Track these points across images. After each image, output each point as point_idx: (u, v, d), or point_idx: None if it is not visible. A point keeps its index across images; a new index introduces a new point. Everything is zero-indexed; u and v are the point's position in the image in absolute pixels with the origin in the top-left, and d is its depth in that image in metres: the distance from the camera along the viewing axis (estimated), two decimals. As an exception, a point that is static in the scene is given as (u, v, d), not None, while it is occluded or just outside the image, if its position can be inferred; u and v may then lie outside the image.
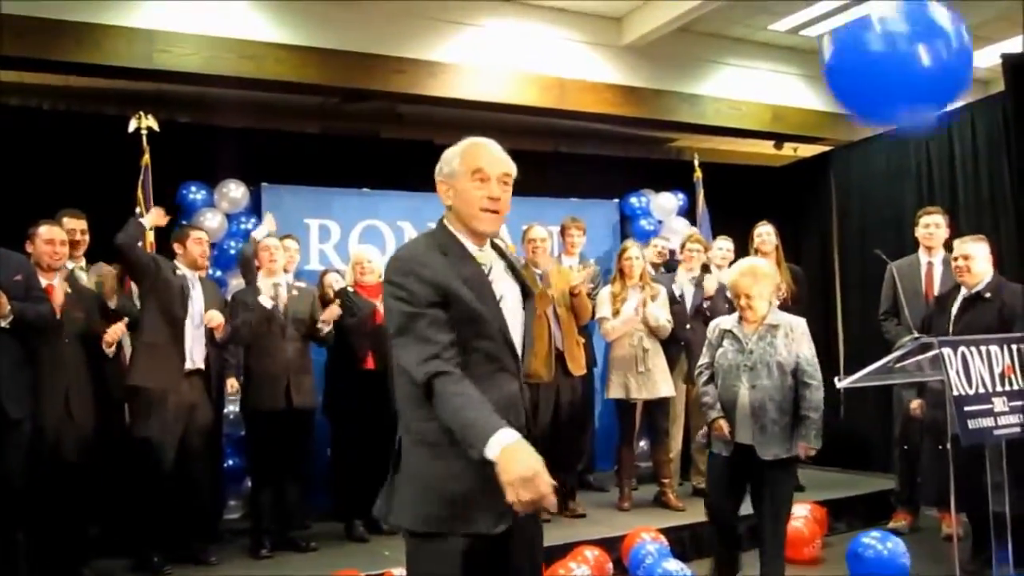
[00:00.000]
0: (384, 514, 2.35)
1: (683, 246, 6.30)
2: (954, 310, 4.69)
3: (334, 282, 5.54)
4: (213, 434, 5.05)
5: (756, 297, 4.07)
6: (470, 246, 2.33)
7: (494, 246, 2.42)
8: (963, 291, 4.69)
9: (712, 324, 4.35)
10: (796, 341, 4.07)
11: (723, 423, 4.08)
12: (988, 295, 4.57)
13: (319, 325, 5.05)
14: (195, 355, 4.73)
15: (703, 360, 4.30)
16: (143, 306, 4.71)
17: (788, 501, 4.19)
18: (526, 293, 2.42)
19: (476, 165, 2.31)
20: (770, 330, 4.09)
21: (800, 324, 4.16)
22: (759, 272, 4.15)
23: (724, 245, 6.51)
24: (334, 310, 5.09)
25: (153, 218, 5.00)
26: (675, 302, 5.97)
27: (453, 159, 2.35)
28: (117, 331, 4.57)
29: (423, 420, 2.23)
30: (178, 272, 4.75)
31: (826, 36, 2.80)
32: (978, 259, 4.64)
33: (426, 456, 2.26)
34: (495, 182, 2.31)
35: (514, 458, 1.99)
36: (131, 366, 4.69)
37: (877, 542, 4.46)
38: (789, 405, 4.01)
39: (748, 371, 4.03)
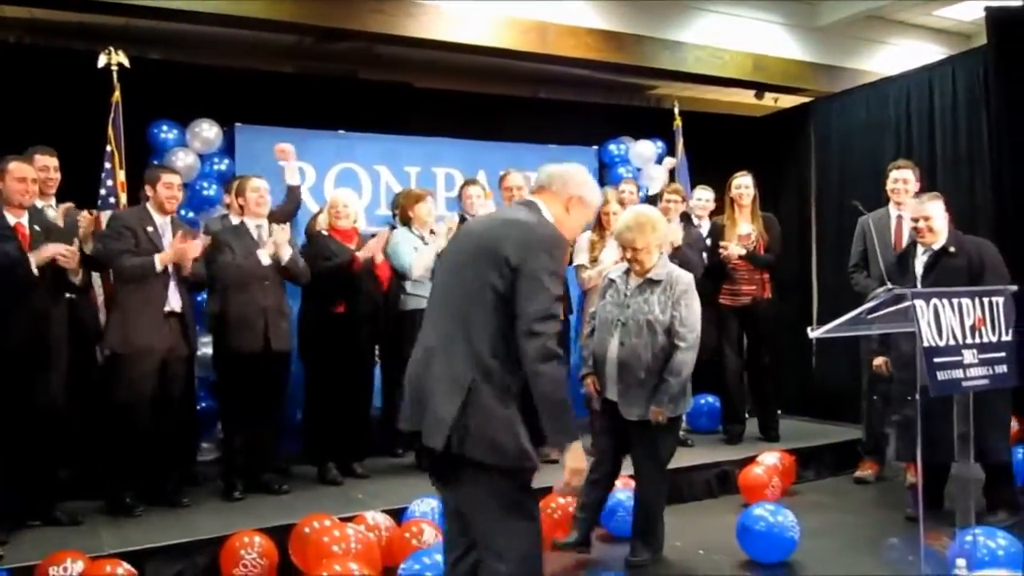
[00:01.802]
0: (458, 444, 2.51)
1: (661, 195, 6.27)
2: (919, 267, 4.71)
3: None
4: (189, 376, 5.00)
5: (643, 250, 3.95)
6: None
7: None
8: (923, 248, 4.71)
9: (599, 272, 4.23)
10: (675, 299, 3.94)
11: (591, 380, 4.07)
12: (952, 249, 4.59)
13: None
14: (172, 300, 4.64)
15: (591, 310, 4.21)
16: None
17: (657, 462, 4.09)
18: None
19: (591, 215, 3.10)
20: (649, 285, 3.98)
21: (683, 280, 4.01)
22: (645, 223, 3.98)
23: (704, 195, 6.50)
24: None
25: (170, 256, 4.62)
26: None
27: (589, 191, 2.87)
28: (63, 250, 4.28)
29: (510, 373, 2.54)
30: (148, 229, 4.60)
31: None
32: (937, 218, 4.65)
33: (506, 403, 2.53)
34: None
35: (581, 456, 2.55)
36: (108, 327, 4.63)
37: (769, 514, 4.17)
38: (658, 365, 3.91)
39: (621, 327, 3.96)
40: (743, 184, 6.08)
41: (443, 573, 2.81)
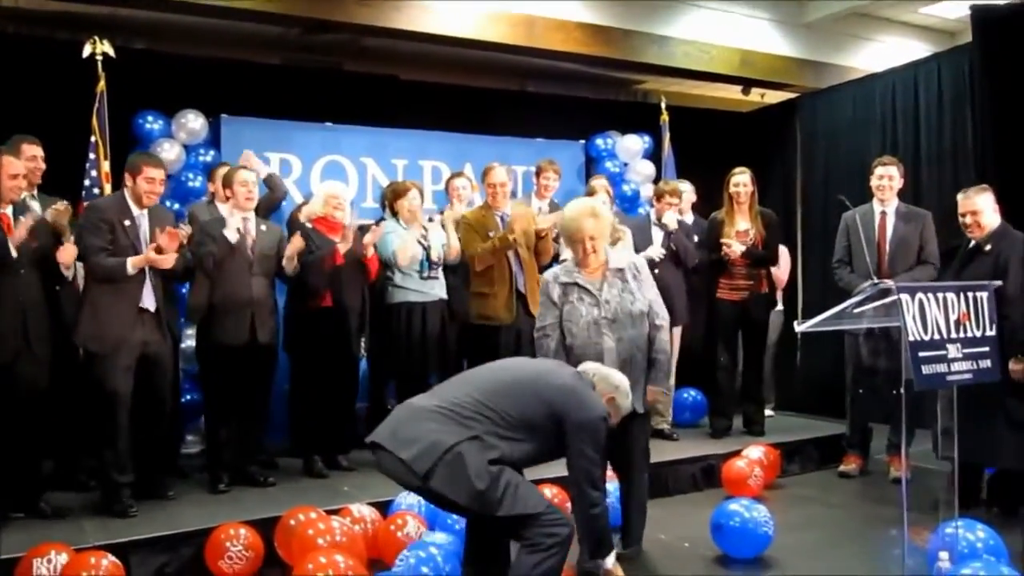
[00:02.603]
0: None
1: (661, 196, 6.23)
2: (958, 264, 4.70)
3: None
4: (171, 371, 4.90)
5: (599, 238, 3.79)
6: None
7: None
8: (969, 242, 4.69)
9: (545, 279, 3.94)
10: (643, 283, 3.88)
11: None
12: (988, 247, 4.55)
13: (284, 263, 4.96)
14: (146, 299, 4.50)
15: (545, 321, 3.88)
16: None
17: (647, 449, 4.11)
18: None
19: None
20: (618, 275, 3.84)
21: (642, 261, 3.98)
22: (599, 212, 3.85)
23: (684, 189, 6.53)
24: (296, 243, 4.99)
25: (142, 261, 4.47)
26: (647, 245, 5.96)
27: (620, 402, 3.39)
28: (70, 252, 4.39)
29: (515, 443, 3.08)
30: (125, 223, 4.47)
31: None
32: (986, 211, 4.58)
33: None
34: None
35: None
36: (80, 322, 4.49)
37: (744, 510, 4.16)
38: (648, 350, 3.85)
39: (610, 324, 3.77)
40: (741, 181, 6.06)
41: None
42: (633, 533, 4.10)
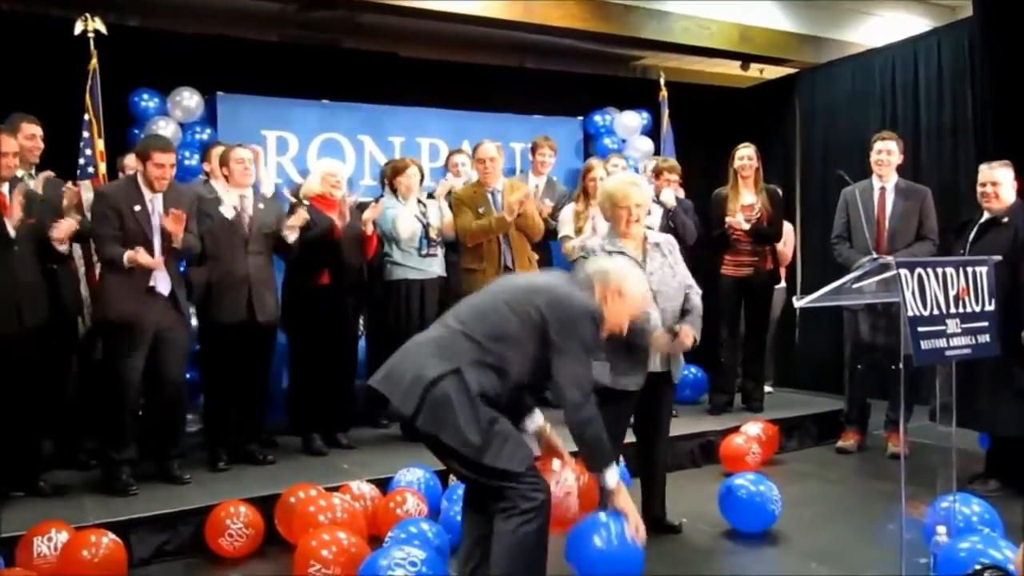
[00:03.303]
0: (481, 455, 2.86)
1: (660, 173, 6.19)
2: (971, 236, 4.69)
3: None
4: (182, 355, 4.77)
5: (644, 206, 3.85)
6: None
7: None
8: (984, 216, 4.69)
9: (590, 247, 3.89)
10: (678, 259, 3.97)
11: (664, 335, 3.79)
12: (1005, 219, 4.57)
13: (284, 232, 4.92)
14: (158, 280, 4.46)
15: None
16: None
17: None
18: None
19: (637, 311, 3.32)
20: (657, 249, 3.91)
21: (672, 239, 4.09)
22: (641, 183, 3.94)
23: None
24: (301, 215, 4.96)
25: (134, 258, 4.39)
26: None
27: (633, 296, 3.19)
28: (67, 227, 4.37)
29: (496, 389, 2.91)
30: (136, 208, 4.42)
31: None
32: (1005, 184, 4.61)
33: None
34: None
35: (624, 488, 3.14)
36: (102, 297, 4.51)
37: (750, 483, 4.19)
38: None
39: (655, 295, 3.78)
40: (746, 155, 6.02)
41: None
42: (658, 502, 4.17)
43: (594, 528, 3.26)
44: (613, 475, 3.02)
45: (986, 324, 3.33)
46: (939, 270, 3.19)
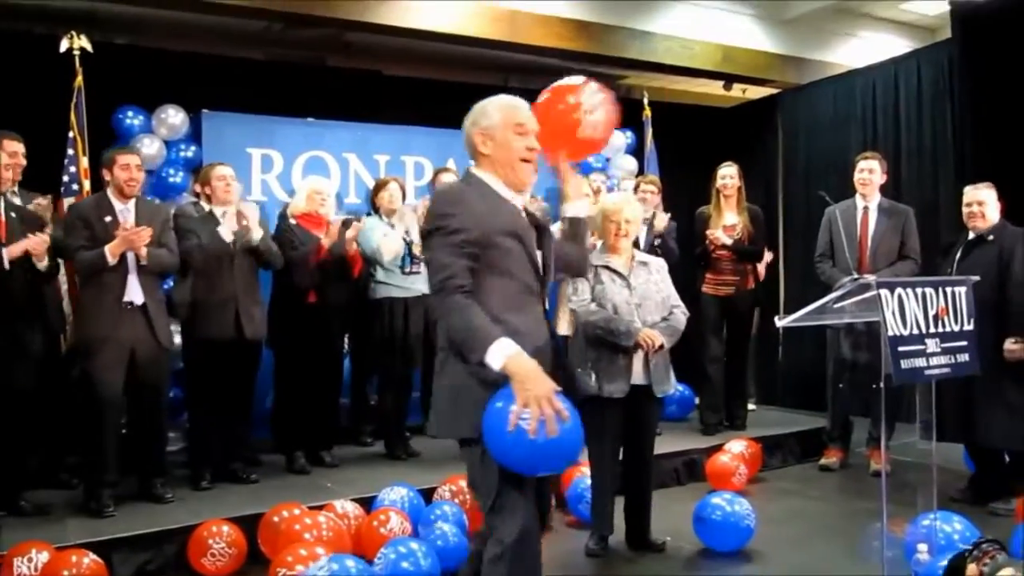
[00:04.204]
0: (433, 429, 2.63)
1: (637, 187, 6.27)
2: (958, 254, 4.80)
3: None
4: (162, 370, 4.75)
5: (634, 223, 4.07)
6: (503, 190, 2.59)
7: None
8: (968, 235, 4.81)
9: None
10: (665, 277, 4.12)
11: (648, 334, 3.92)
12: (990, 238, 4.70)
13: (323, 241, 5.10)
14: (131, 291, 4.46)
15: (583, 296, 4.03)
16: None
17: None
18: (538, 229, 2.68)
19: (519, 120, 2.61)
20: (643, 266, 4.08)
21: (663, 263, 4.22)
22: (635, 201, 4.15)
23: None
24: (333, 231, 5.16)
25: (118, 245, 4.39)
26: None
27: (493, 112, 2.62)
28: (36, 242, 4.31)
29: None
30: (106, 219, 4.43)
31: None
32: (990, 204, 4.75)
33: (463, 370, 2.45)
34: (532, 136, 2.61)
35: (525, 370, 2.29)
36: (74, 322, 4.54)
37: (724, 503, 4.21)
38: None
39: (638, 307, 3.98)
40: (728, 174, 6.10)
41: None
42: (643, 520, 4.19)
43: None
44: (496, 358, 2.32)
45: (965, 343, 3.37)
46: (918, 290, 3.23)
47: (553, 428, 2.22)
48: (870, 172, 5.59)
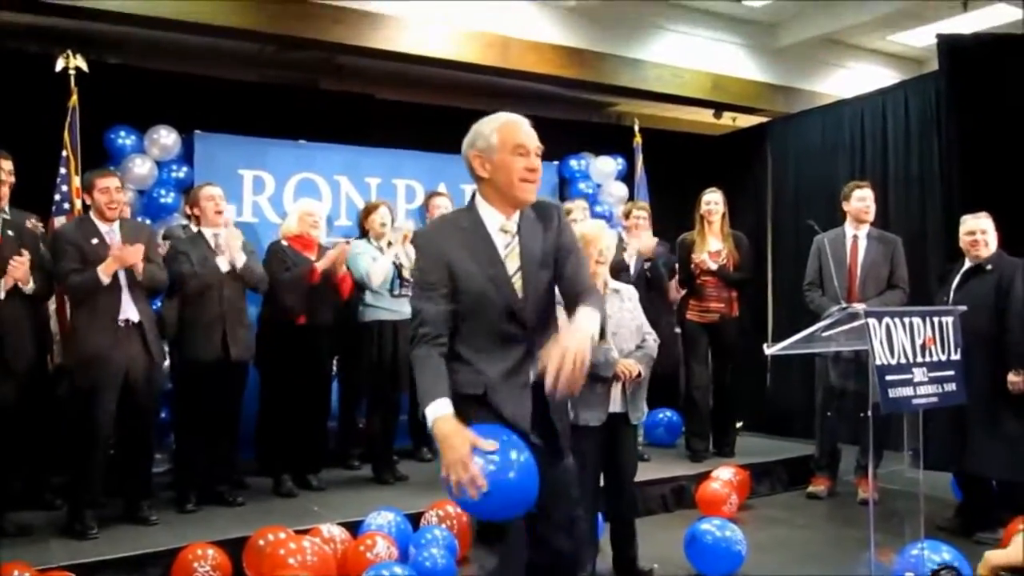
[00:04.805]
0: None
1: (628, 214, 6.29)
2: (955, 282, 4.81)
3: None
4: (152, 388, 4.74)
5: (608, 251, 3.99)
6: (498, 217, 2.55)
7: (537, 207, 2.61)
8: (966, 264, 4.82)
9: None
10: (637, 307, 4.08)
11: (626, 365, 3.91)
12: (989, 267, 4.71)
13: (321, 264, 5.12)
14: (126, 309, 4.46)
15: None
16: None
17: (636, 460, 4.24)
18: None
19: (517, 141, 2.53)
20: (616, 294, 4.06)
21: (633, 290, 4.18)
22: (608, 230, 4.09)
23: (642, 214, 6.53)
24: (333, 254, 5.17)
25: (111, 264, 4.38)
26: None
27: (490, 134, 2.54)
28: (16, 265, 4.29)
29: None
30: (93, 241, 4.42)
31: None
32: (990, 233, 4.76)
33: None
34: (533, 155, 2.54)
35: (443, 434, 2.28)
36: (66, 342, 4.52)
37: (716, 528, 4.21)
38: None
39: (612, 336, 3.93)
40: (712, 200, 6.13)
41: None
42: (634, 548, 4.14)
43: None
44: (429, 417, 2.33)
45: (952, 373, 3.39)
46: (906, 319, 3.25)
47: (472, 492, 2.21)
48: (871, 200, 5.63)
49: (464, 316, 2.49)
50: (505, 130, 2.54)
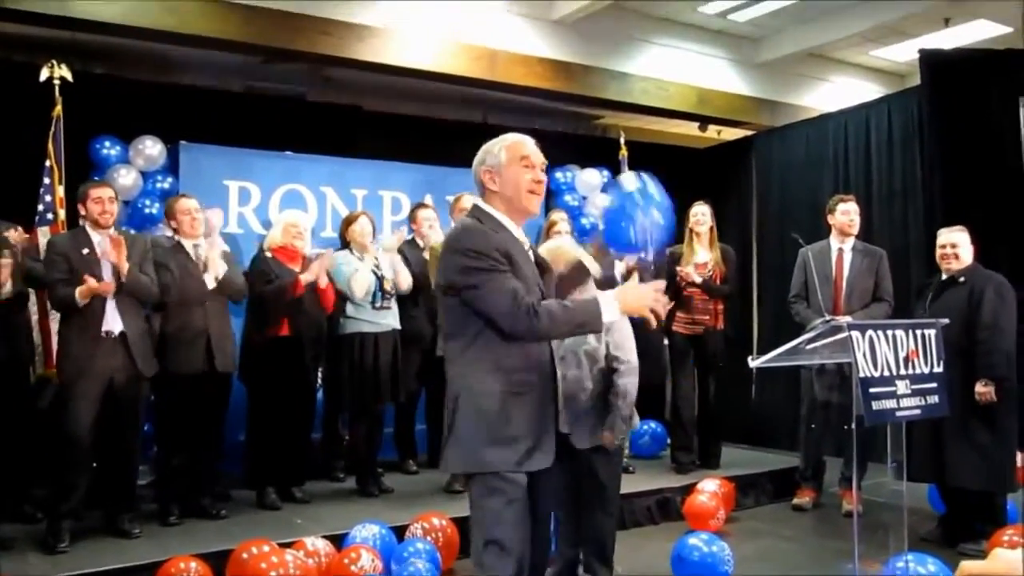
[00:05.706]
0: (445, 466, 2.66)
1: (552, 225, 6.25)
2: (930, 295, 4.87)
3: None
4: (137, 401, 4.66)
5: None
6: (510, 224, 2.70)
7: None
8: (940, 277, 4.88)
9: None
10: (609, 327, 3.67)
11: None
12: (962, 279, 4.76)
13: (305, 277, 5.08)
14: (109, 321, 4.43)
15: None
16: None
17: (612, 487, 3.87)
18: (541, 270, 2.78)
19: (523, 153, 2.73)
20: None
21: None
22: (563, 249, 3.76)
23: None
24: (324, 262, 5.17)
25: (84, 291, 4.34)
26: (611, 283, 5.87)
27: (499, 152, 2.74)
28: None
29: (487, 373, 2.56)
30: (84, 252, 4.42)
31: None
32: (963, 247, 4.82)
33: (477, 407, 2.56)
34: (539, 169, 2.75)
35: (626, 294, 2.62)
36: (58, 346, 4.49)
37: (703, 544, 4.15)
38: (600, 389, 3.73)
39: (560, 360, 3.45)
40: (700, 212, 6.15)
41: None
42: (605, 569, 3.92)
43: None
44: (609, 312, 2.60)
45: (935, 385, 3.42)
46: (889, 332, 3.27)
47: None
48: (855, 214, 5.66)
49: None
50: (512, 147, 2.74)
